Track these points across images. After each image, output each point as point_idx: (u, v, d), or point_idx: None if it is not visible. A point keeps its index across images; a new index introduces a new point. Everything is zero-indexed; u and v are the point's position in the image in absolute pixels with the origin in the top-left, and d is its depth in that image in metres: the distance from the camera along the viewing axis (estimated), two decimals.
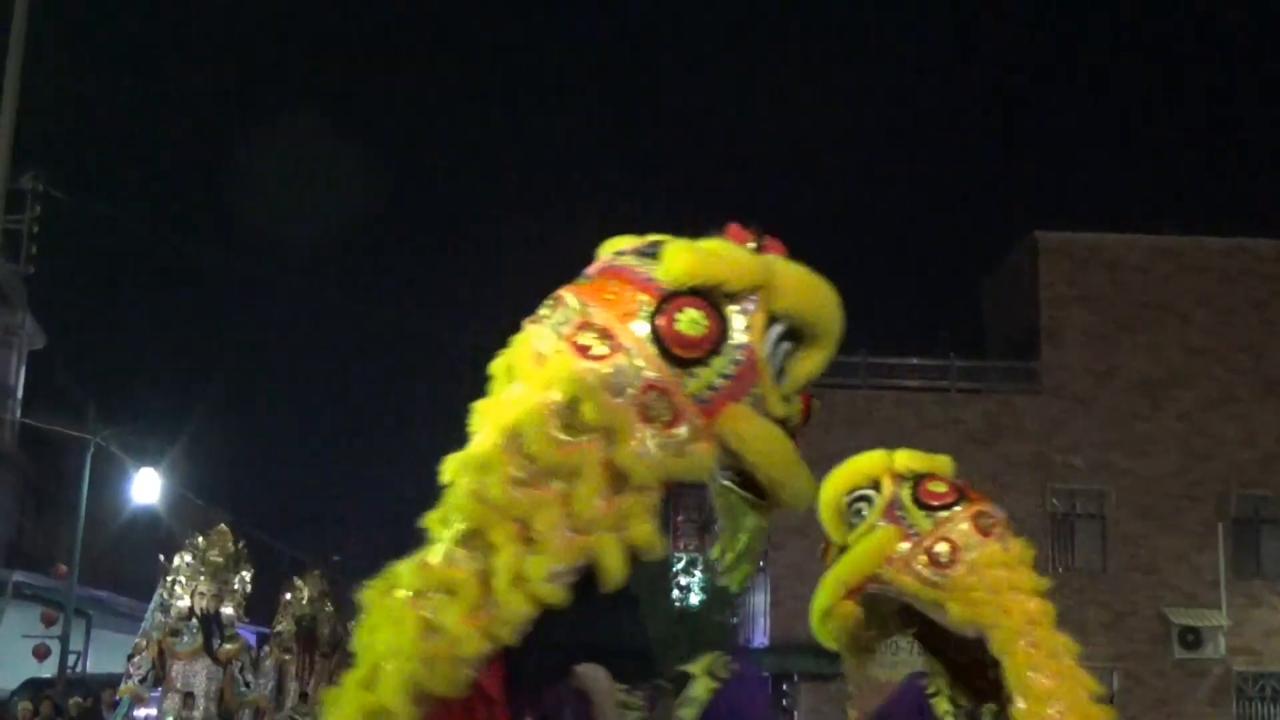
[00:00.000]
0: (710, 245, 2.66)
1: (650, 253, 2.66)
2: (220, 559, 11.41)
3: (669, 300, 2.57)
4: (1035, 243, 30.12)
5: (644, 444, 2.46)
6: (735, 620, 34.55)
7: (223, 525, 11.91)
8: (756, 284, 2.64)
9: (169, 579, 11.21)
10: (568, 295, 2.64)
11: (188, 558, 11.31)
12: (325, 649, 17.38)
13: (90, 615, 29.02)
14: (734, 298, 2.59)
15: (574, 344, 2.54)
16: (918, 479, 5.24)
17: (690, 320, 2.56)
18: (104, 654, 30.27)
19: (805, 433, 2.80)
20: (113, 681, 24.15)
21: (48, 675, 24.97)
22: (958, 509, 5.16)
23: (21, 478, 31.97)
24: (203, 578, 11.13)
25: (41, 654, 25.94)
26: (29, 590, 27.49)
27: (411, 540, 2.37)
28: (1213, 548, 28.33)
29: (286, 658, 16.37)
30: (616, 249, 2.79)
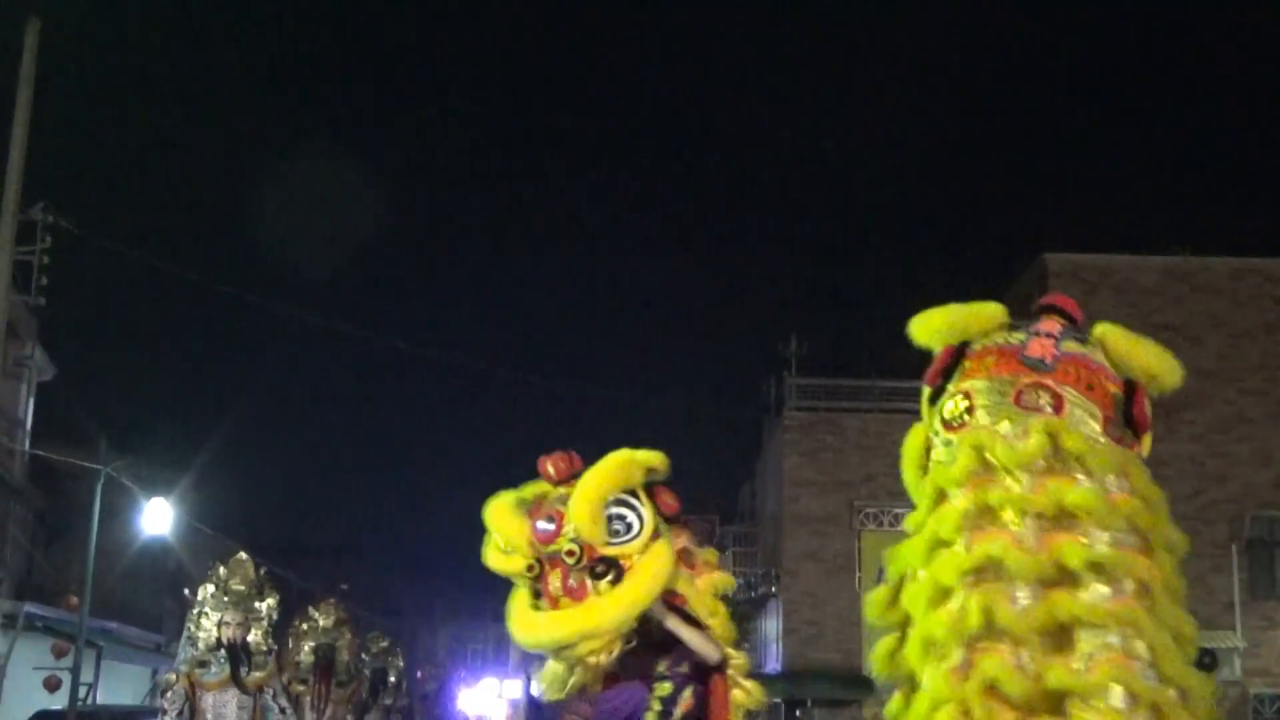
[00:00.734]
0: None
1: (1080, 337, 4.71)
2: (243, 587, 11.33)
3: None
4: (1044, 265, 30.07)
5: None
6: (748, 646, 34.44)
7: (241, 554, 11.83)
8: None
9: (195, 611, 11.14)
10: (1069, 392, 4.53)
11: (210, 588, 11.24)
12: (342, 677, 17.32)
13: (101, 646, 28.92)
14: None
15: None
16: None
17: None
18: (114, 685, 30.20)
19: (818, 456, 2.84)
20: (125, 714, 24.12)
21: (58, 707, 24.87)
22: None
23: (31, 509, 31.91)
24: (227, 607, 11.05)
25: (53, 685, 25.83)
26: (40, 622, 27.39)
27: (418, 571, 2.32)
28: (1228, 570, 28.19)
29: (302, 688, 16.30)
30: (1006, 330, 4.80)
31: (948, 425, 4.52)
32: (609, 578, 5.17)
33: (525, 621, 5.34)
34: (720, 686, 5.68)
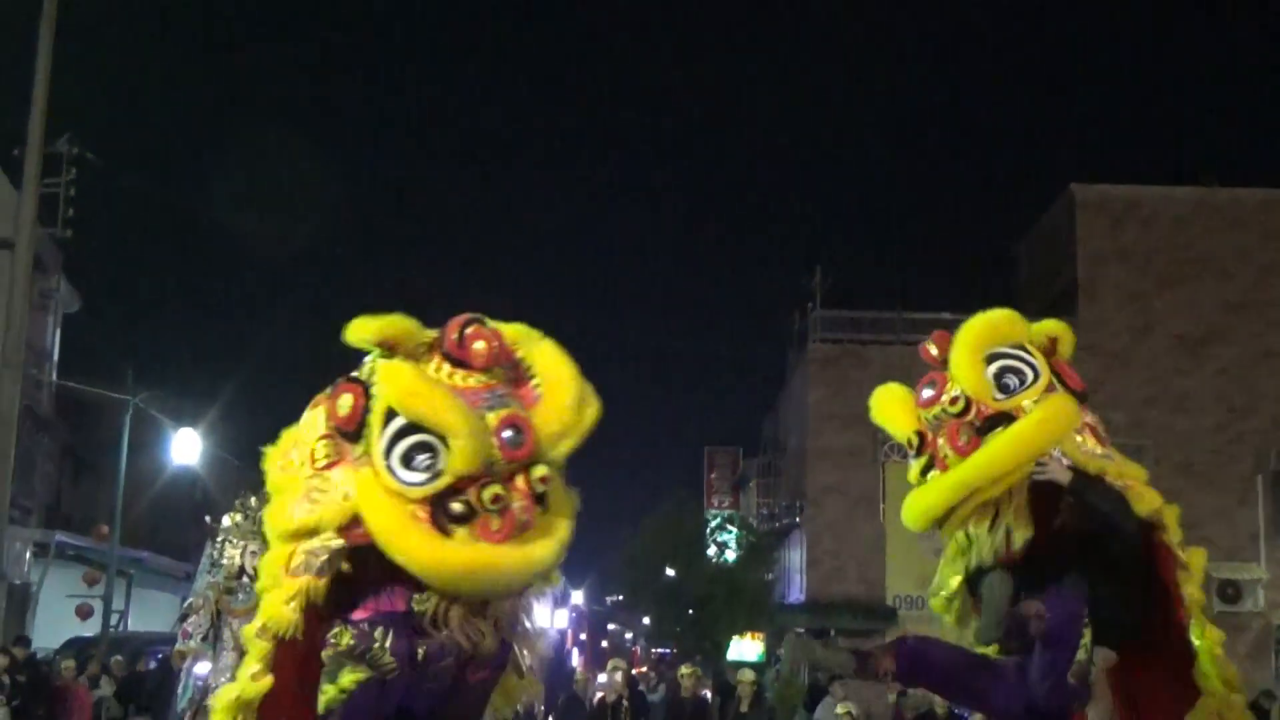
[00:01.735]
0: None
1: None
2: None
3: None
4: (1072, 197, 29.86)
5: None
6: (771, 577, 34.61)
7: None
8: None
9: (219, 539, 11.18)
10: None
11: (238, 517, 11.27)
12: None
13: (131, 575, 29.25)
14: None
15: None
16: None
17: None
18: (144, 613, 30.54)
19: (842, 389, 2.86)
20: (156, 641, 24.40)
21: (90, 634, 25.18)
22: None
23: (59, 441, 32.17)
24: (255, 536, 11.09)
25: (84, 613, 26.18)
26: (71, 551, 27.71)
27: None
28: (1252, 502, 28.17)
29: None
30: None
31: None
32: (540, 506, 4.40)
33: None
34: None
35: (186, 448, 30.02)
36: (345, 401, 4.41)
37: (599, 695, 16.04)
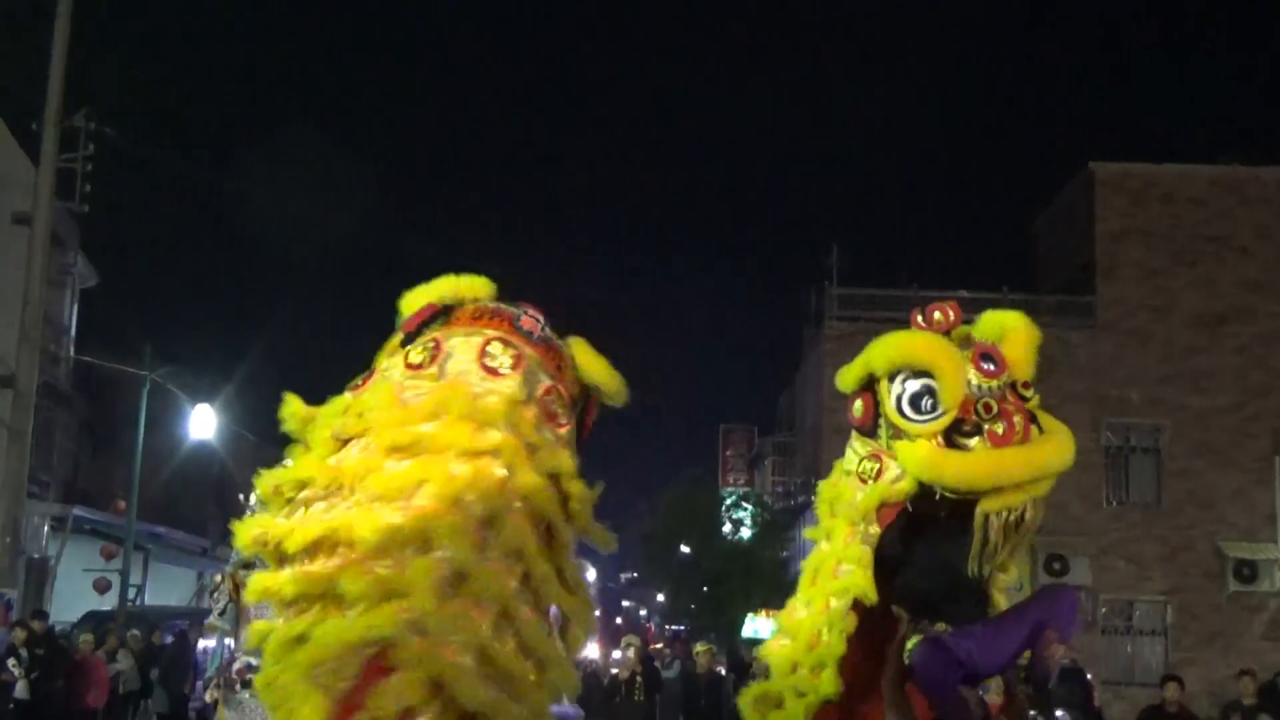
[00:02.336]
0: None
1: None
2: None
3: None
4: (1091, 175, 29.71)
5: None
6: (786, 555, 34.64)
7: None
8: None
9: (246, 515, 11.24)
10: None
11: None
12: None
13: (149, 550, 29.38)
14: None
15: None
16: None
17: None
18: (161, 588, 30.71)
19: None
20: (172, 615, 24.55)
21: (108, 608, 25.34)
22: None
23: (76, 416, 32.29)
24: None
25: (102, 587, 26.34)
26: (88, 525, 27.85)
27: None
28: (1269, 482, 28.05)
29: None
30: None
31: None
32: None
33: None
34: None
35: (204, 423, 30.12)
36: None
37: (614, 672, 16.09)
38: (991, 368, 5.28)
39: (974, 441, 5.12)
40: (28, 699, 16.19)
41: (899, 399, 5.28)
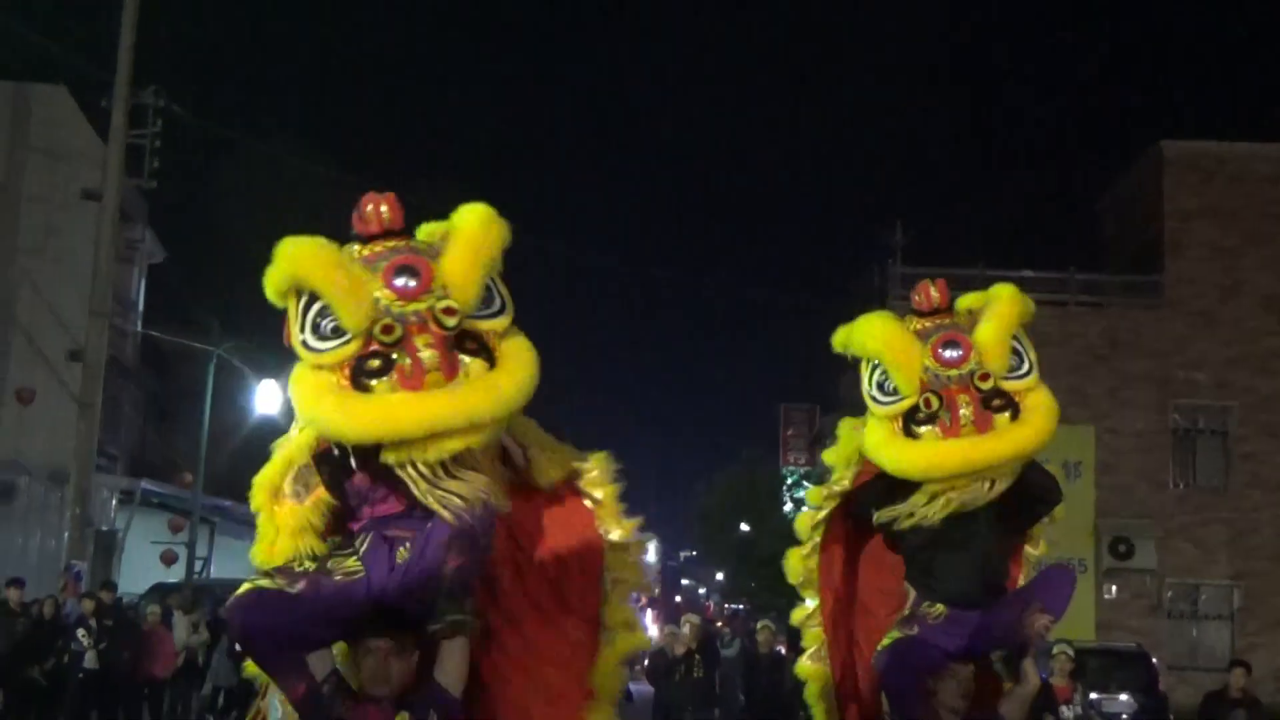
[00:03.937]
0: None
1: None
2: None
3: None
4: (1160, 153, 29.33)
5: None
6: None
7: None
8: None
9: None
10: None
11: None
12: None
13: (215, 523, 29.69)
14: None
15: None
16: None
17: None
18: (227, 561, 31.04)
19: None
20: (237, 586, 24.82)
21: (174, 580, 25.63)
22: None
23: (143, 390, 32.68)
24: None
25: (169, 560, 26.67)
26: (155, 498, 28.19)
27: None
28: None
29: None
30: None
31: None
32: (480, 358, 4.11)
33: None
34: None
35: (269, 399, 30.35)
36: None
37: (675, 649, 16.06)
38: (953, 355, 5.27)
39: (925, 430, 5.19)
40: (96, 668, 16.45)
41: (872, 380, 5.43)
